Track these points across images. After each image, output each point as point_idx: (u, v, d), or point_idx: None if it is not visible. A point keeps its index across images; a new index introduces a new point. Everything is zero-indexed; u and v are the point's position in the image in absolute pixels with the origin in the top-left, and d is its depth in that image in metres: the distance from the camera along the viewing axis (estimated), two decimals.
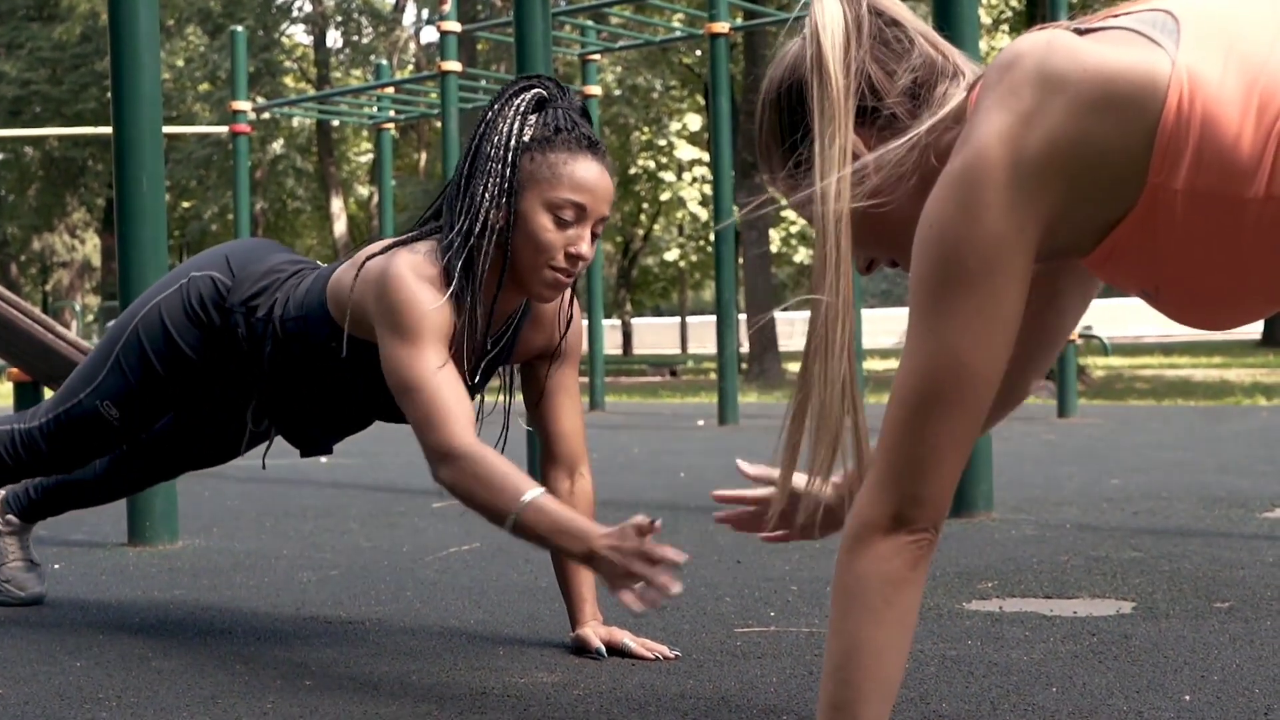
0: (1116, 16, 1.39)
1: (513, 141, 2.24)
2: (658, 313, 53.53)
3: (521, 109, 2.27)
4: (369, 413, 2.58)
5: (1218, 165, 1.28)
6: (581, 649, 2.43)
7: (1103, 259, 1.40)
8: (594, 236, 2.29)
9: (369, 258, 2.34)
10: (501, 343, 2.43)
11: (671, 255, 33.56)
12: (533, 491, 2.10)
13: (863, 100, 1.47)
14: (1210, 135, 1.27)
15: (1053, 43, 1.35)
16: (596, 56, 11.65)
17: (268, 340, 2.48)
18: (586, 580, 2.48)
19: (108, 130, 4.44)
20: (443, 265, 2.25)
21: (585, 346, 13.24)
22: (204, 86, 30.66)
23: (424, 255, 2.27)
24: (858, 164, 1.45)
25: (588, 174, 2.25)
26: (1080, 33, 1.38)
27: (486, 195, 2.23)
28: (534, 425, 2.53)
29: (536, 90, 2.30)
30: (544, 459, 2.53)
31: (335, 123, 28.08)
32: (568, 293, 2.46)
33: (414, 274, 2.23)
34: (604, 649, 2.39)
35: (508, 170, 2.23)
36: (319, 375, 2.49)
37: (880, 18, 1.49)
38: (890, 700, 1.42)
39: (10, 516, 3.02)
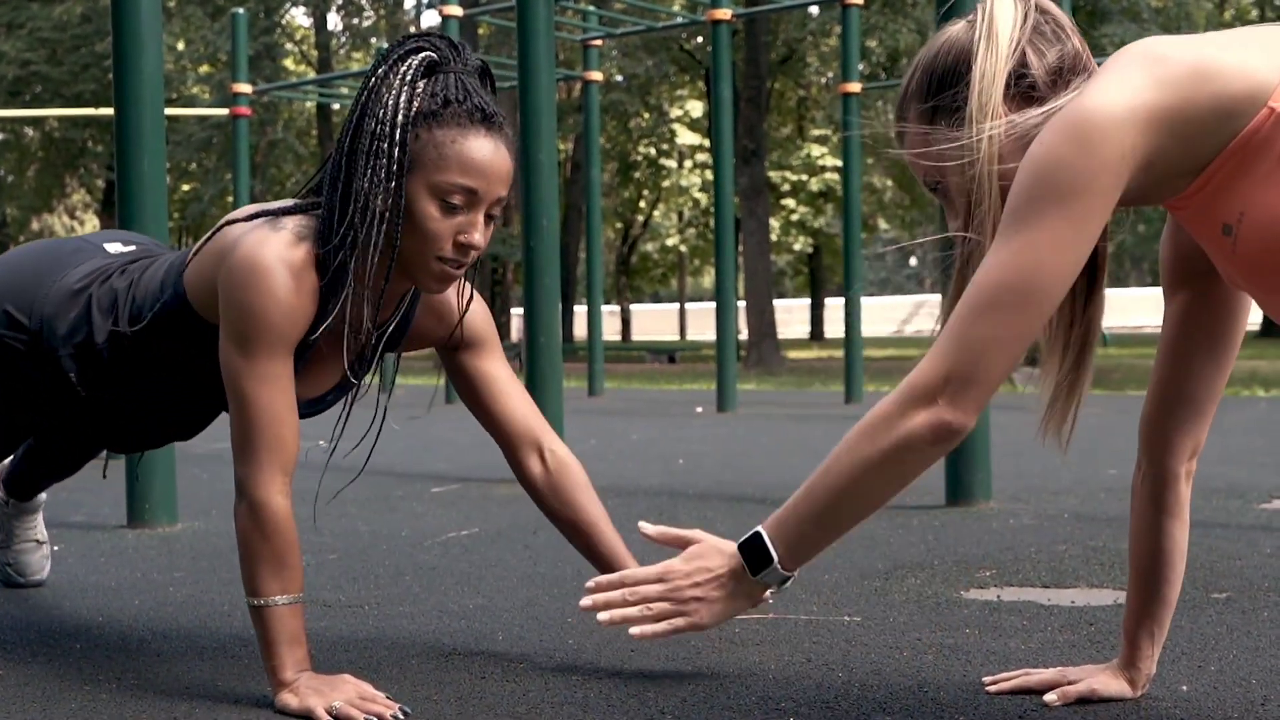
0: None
1: (400, 117, 1.96)
2: (656, 299, 53.49)
3: (409, 77, 1.99)
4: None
5: None
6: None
7: (1197, 190, 1.57)
8: (490, 219, 2.04)
9: (229, 223, 2.09)
10: (390, 329, 2.21)
11: (672, 240, 33.55)
12: (299, 595, 2.00)
13: (1011, 70, 1.68)
14: None
15: (1159, 39, 1.59)
16: (598, 41, 11.62)
17: (121, 362, 2.19)
18: (613, 539, 2.35)
19: (108, 111, 4.44)
20: (317, 252, 2.01)
21: (585, 332, 13.17)
22: (204, 68, 30.60)
23: (292, 234, 2.01)
24: (998, 123, 1.67)
25: (480, 153, 1.98)
26: None
27: (371, 178, 1.97)
28: (480, 420, 2.38)
29: (426, 53, 2.02)
30: (504, 449, 2.38)
31: (335, 106, 28.04)
32: (466, 284, 2.25)
33: (276, 263, 1.97)
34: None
35: (395, 150, 1.96)
36: (182, 373, 2.22)
37: (1044, 15, 1.73)
38: (839, 530, 1.74)
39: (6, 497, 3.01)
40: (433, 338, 2.30)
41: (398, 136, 1.96)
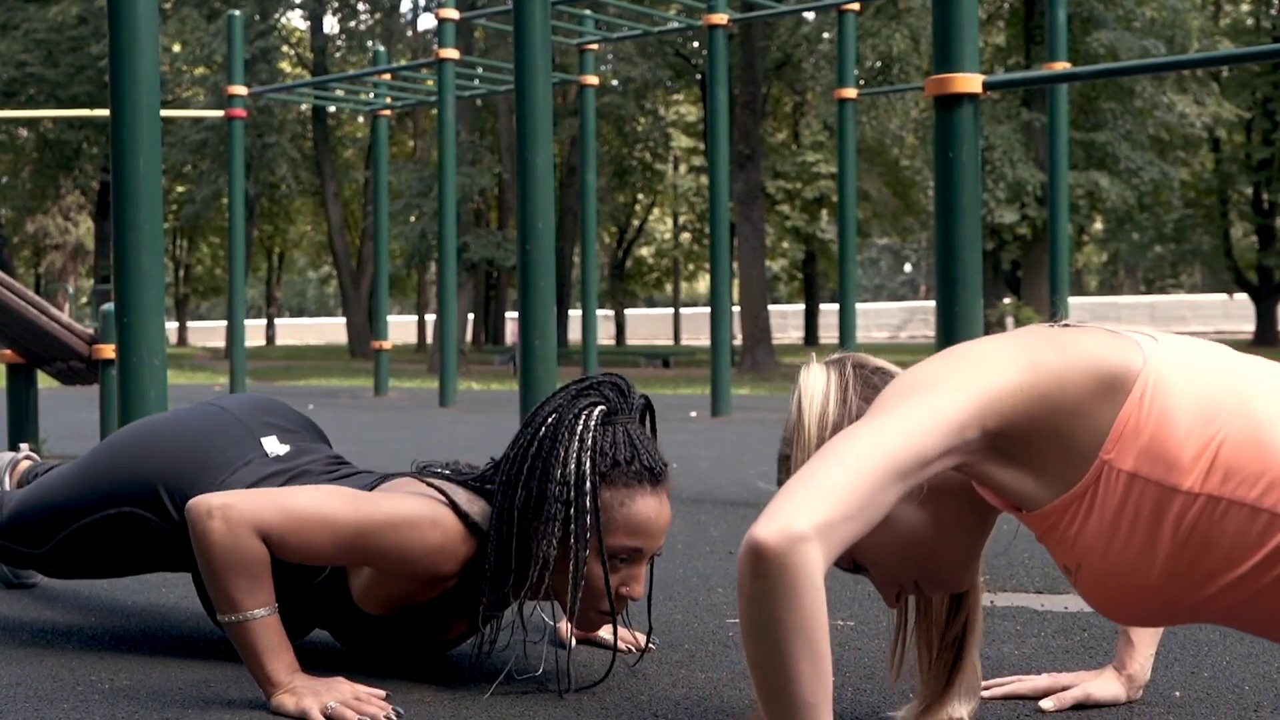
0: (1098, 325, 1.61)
1: (586, 484, 2.00)
2: (651, 304, 53.52)
3: (587, 438, 2.02)
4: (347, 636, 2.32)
5: (1164, 457, 1.45)
6: (556, 641, 2.42)
7: (1041, 523, 1.56)
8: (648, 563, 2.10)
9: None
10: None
11: (667, 244, 33.57)
12: (274, 609, 2.01)
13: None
14: (1162, 429, 1.46)
15: (1027, 332, 1.57)
16: (594, 46, 11.63)
17: None
18: None
19: (103, 113, 4.44)
20: (464, 567, 2.09)
21: (579, 336, 13.18)
22: (200, 71, 30.61)
23: (463, 530, 2.08)
24: None
25: (647, 514, 2.03)
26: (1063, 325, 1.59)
27: (545, 536, 2.01)
28: None
29: (601, 407, 2.06)
30: None
31: (331, 109, 28.06)
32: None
33: (438, 534, 2.05)
34: (573, 642, 2.37)
35: (571, 511, 2.00)
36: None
37: (860, 368, 1.74)
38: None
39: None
40: None
41: (579, 501, 2.00)
